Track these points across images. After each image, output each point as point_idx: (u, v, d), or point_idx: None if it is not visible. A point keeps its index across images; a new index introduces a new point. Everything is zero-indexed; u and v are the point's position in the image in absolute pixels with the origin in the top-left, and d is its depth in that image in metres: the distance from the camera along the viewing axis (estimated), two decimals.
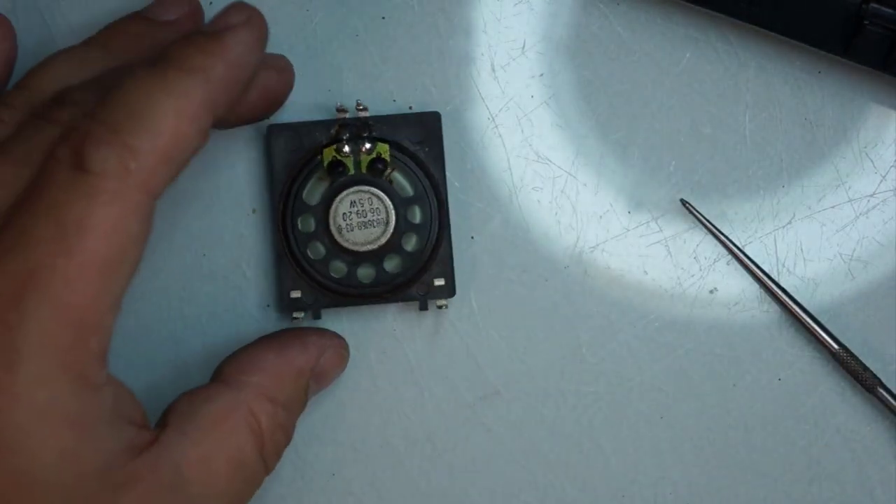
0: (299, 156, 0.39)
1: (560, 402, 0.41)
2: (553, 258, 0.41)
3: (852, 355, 0.40)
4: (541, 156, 0.41)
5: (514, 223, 0.41)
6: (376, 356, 0.41)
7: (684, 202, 0.41)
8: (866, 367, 0.40)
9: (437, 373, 0.41)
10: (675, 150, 0.41)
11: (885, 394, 0.40)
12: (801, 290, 0.41)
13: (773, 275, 0.41)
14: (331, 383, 0.39)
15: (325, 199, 0.39)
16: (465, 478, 0.41)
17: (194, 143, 0.31)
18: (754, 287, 0.41)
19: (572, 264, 0.41)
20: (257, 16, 0.33)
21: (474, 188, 0.41)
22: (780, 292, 0.40)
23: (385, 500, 0.41)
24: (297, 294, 0.39)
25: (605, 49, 0.41)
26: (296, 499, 0.41)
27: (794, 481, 0.41)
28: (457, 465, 0.41)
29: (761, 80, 0.41)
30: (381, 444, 0.41)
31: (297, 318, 0.39)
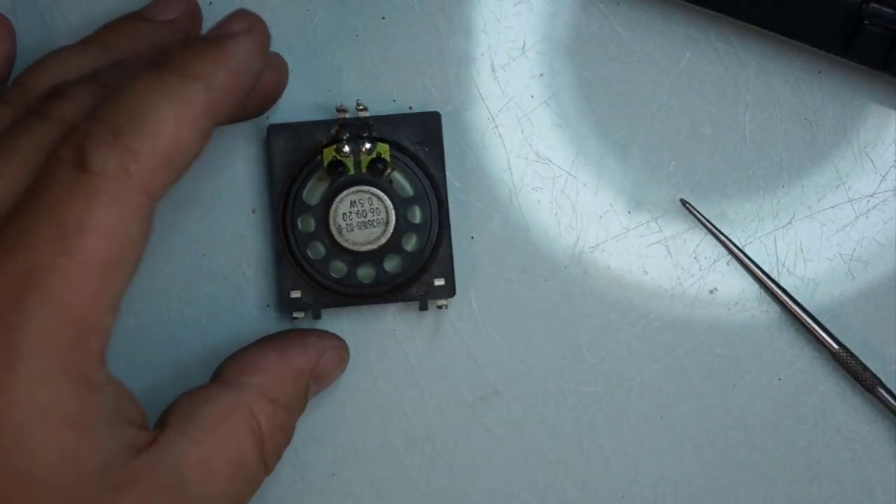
0: (299, 156, 0.39)
1: (560, 402, 0.41)
2: (553, 258, 0.41)
3: (852, 355, 0.40)
4: (541, 156, 0.41)
5: (514, 223, 0.41)
6: (376, 356, 0.41)
7: (684, 202, 0.41)
8: (866, 367, 0.40)
9: (437, 373, 0.41)
10: (675, 150, 0.41)
11: (885, 394, 0.40)
12: (801, 290, 0.41)
13: (773, 275, 0.41)
14: (331, 384, 0.39)
15: (325, 199, 0.39)
16: (465, 478, 0.41)
17: (195, 148, 0.31)
18: (754, 287, 0.41)
19: (572, 264, 0.41)
20: (259, 24, 0.33)
21: (474, 188, 0.41)
22: (780, 292, 0.40)
23: (385, 500, 0.41)
24: (297, 294, 0.39)
25: (605, 49, 0.41)
26: (296, 499, 0.41)
27: (794, 481, 0.41)
28: (457, 465, 0.41)
29: (761, 80, 0.41)
30: (381, 444, 0.41)
31: (297, 318, 0.39)
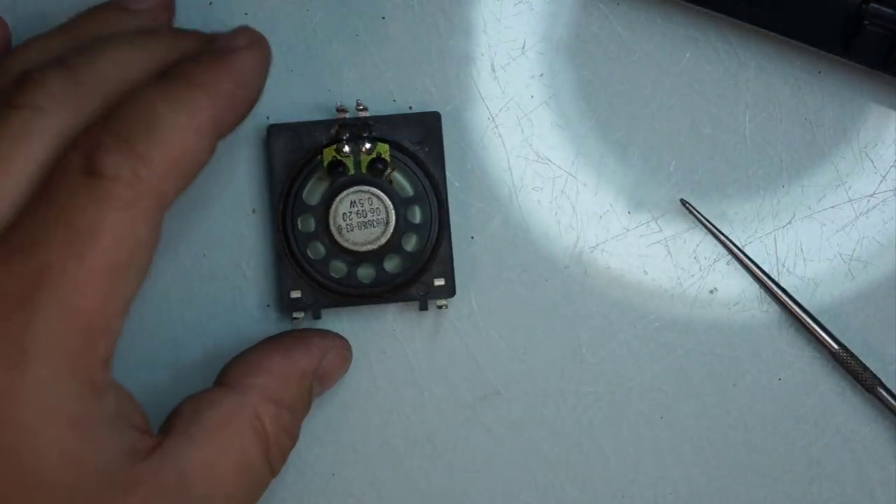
0: (299, 156, 0.39)
1: (560, 402, 0.41)
2: (553, 258, 0.41)
3: (852, 355, 0.40)
4: (541, 156, 0.41)
5: (514, 223, 0.41)
6: (376, 356, 0.41)
7: (684, 202, 0.41)
8: (866, 367, 0.40)
9: (437, 373, 0.41)
10: (675, 150, 0.41)
11: (885, 394, 0.40)
12: (801, 290, 0.41)
13: (773, 275, 0.41)
14: (334, 384, 0.39)
15: (325, 199, 0.39)
16: (465, 478, 0.41)
17: (201, 157, 0.32)
18: (754, 287, 0.41)
19: (572, 264, 0.41)
20: (261, 40, 0.34)
21: (474, 188, 0.41)
22: (780, 292, 0.40)
23: (385, 500, 0.41)
24: (297, 294, 0.39)
25: (605, 49, 0.41)
26: (296, 499, 0.41)
27: (794, 481, 0.41)
28: (457, 465, 0.41)
29: (761, 80, 0.41)
30: (381, 444, 0.41)
31: (297, 318, 0.39)
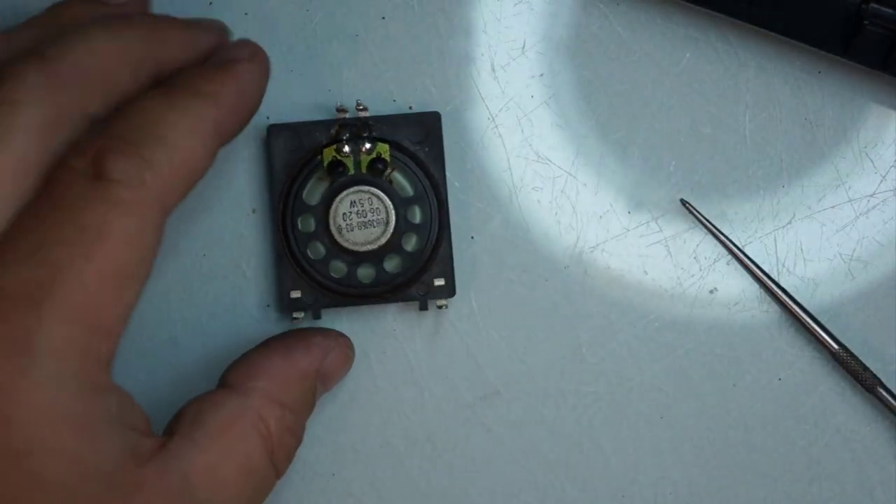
0: (299, 156, 0.39)
1: (560, 402, 0.41)
2: (553, 258, 0.41)
3: (852, 355, 0.40)
4: (541, 156, 0.41)
5: (514, 223, 0.41)
6: (376, 356, 0.41)
7: (684, 202, 0.41)
8: (866, 367, 0.40)
9: (437, 373, 0.41)
10: (675, 150, 0.41)
11: (885, 394, 0.40)
12: (801, 290, 0.41)
13: (773, 275, 0.41)
14: (337, 383, 0.39)
15: (325, 199, 0.39)
16: (465, 478, 0.41)
17: (204, 164, 0.32)
18: (754, 287, 0.41)
19: (572, 264, 0.41)
20: (260, 52, 0.35)
21: (474, 188, 0.41)
22: (780, 292, 0.40)
23: (385, 500, 0.41)
24: (297, 294, 0.39)
25: (605, 49, 0.41)
26: (296, 499, 0.41)
27: (794, 481, 0.41)
28: (457, 465, 0.41)
29: (761, 80, 0.41)
30: (381, 444, 0.41)
31: (297, 318, 0.39)
